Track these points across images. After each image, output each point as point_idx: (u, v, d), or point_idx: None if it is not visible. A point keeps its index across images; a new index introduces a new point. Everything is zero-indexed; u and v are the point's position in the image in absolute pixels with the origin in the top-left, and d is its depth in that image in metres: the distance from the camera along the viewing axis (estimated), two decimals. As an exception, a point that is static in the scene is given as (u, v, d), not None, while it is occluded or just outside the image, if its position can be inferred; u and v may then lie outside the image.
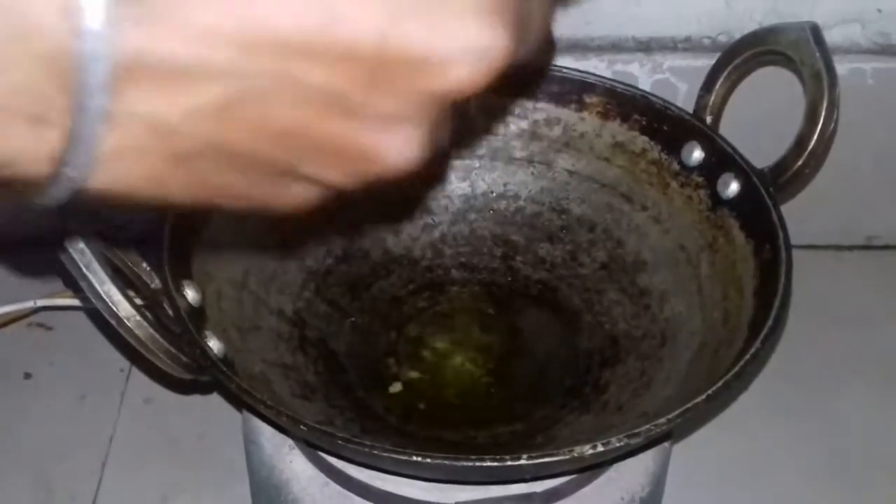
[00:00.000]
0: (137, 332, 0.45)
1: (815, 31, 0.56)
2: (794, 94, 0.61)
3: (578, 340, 0.62)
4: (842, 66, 0.71)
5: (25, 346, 0.75)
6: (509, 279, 0.66)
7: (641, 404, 0.55)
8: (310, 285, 0.63)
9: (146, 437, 0.70)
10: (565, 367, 0.61)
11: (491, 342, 0.63)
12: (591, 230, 0.66)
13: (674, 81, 0.75)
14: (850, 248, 0.87)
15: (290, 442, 0.56)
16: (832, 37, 0.70)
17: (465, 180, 0.68)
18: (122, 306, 0.45)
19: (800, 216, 0.81)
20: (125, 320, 0.45)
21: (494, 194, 0.68)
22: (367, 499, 0.54)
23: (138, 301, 0.48)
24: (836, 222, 0.84)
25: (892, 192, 0.82)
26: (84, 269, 0.44)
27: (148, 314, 0.46)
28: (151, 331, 0.46)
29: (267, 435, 0.56)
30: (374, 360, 0.62)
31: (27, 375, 0.73)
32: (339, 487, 0.54)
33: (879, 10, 0.71)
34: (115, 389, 0.73)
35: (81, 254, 0.44)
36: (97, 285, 0.44)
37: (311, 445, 0.53)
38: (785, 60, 0.57)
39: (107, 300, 0.45)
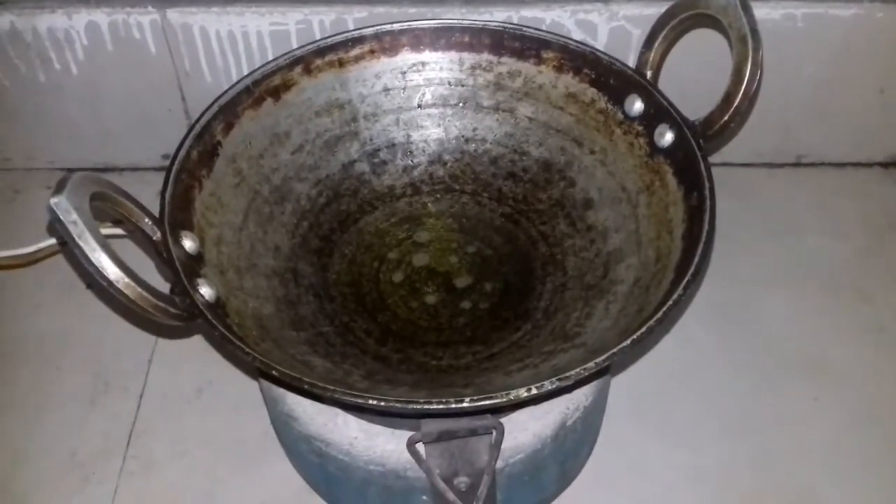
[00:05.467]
0: (126, 291, 0.41)
1: (743, -2, 0.49)
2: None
3: (534, 268, 0.57)
4: (776, 11, 0.66)
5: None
6: (477, 212, 0.61)
7: (582, 334, 0.50)
8: (303, 223, 0.58)
9: (185, 339, 0.68)
10: (522, 293, 0.56)
11: (461, 268, 0.59)
12: (546, 170, 0.60)
13: (628, 28, 0.71)
14: (782, 165, 0.83)
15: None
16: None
17: (440, 126, 0.62)
18: (111, 270, 0.40)
19: (740, 137, 0.77)
20: (115, 283, 0.40)
21: (465, 138, 0.62)
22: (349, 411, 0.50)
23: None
24: (770, 143, 0.81)
25: (819, 117, 0.79)
26: (77, 239, 0.40)
27: (136, 275, 0.41)
28: (140, 290, 0.41)
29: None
30: (359, 286, 0.57)
31: (89, 286, 0.73)
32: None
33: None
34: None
35: (74, 225, 0.40)
36: (89, 253, 0.40)
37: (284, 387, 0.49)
38: (715, 23, 0.50)
39: (97, 266, 0.40)
